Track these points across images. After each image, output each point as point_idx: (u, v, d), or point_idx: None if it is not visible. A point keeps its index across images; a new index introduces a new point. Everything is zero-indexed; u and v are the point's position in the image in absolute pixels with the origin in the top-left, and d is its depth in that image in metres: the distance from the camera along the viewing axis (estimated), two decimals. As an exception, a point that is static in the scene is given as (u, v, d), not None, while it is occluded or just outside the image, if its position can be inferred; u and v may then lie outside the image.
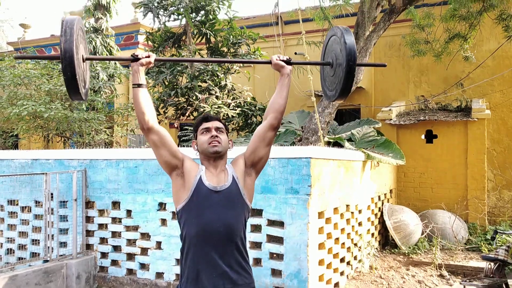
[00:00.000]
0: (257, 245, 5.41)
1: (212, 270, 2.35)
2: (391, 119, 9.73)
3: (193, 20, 9.34)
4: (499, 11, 8.35)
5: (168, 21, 9.61)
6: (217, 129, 2.55)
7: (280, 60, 2.65)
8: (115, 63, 10.67)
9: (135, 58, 2.45)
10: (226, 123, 9.15)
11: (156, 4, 9.36)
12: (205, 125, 2.56)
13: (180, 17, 9.34)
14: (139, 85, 2.44)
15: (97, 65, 9.47)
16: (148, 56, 2.47)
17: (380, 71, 11.35)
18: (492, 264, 5.63)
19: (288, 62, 2.66)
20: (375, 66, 4.45)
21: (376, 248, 7.66)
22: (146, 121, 2.42)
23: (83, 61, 2.41)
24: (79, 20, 2.34)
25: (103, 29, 11.10)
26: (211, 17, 9.44)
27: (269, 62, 2.69)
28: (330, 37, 2.75)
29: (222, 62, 2.69)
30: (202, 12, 9.44)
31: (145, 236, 6.19)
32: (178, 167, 2.49)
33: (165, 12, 9.46)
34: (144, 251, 6.16)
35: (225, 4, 9.41)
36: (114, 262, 6.42)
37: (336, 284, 5.89)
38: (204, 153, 2.53)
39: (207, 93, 9.14)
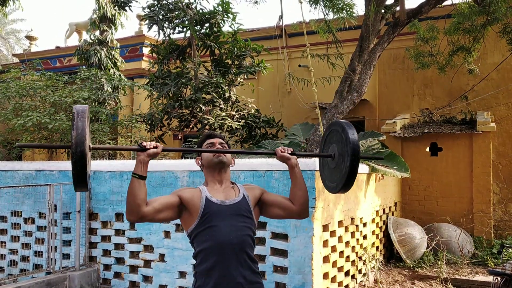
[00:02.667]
0: (261, 258, 5.36)
1: (227, 282, 2.38)
2: (395, 132, 9.70)
3: (197, 33, 9.39)
4: (503, 24, 8.36)
5: (173, 33, 9.67)
6: (221, 144, 2.64)
7: (284, 152, 2.66)
8: (120, 75, 10.72)
9: (142, 148, 2.40)
10: (230, 135, 9.16)
11: (161, 17, 9.41)
12: (210, 141, 2.66)
13: (184, 29, 9.39)
14: (140, 177, 2.37)
15: (101, 76, 9.51)
16: (156, 147, 2.41)
17: (384, 84, 11.35)
18: (499, 278, 5.56)
19: (292, 153, 2.67)
20: (374, 159, 4.54)
21: (381, 262, 7.59)
22: (138, 214, 2.35)
23: (89, 151, 2.34)
24: (88, 110, 2.28)
25: (108, 41, 11.16)
26: (215, 29, 9.48)
27: (274, 154, 2.68)
28: (331, 129, 2.78)
29: (231, 152, 2.68)
30: (207, 24, 9.49)
31: (149, 248, 6.15)
32: (181, 210, 2.53)
33: (170, 24, 9.52)
34: (147, 263, 6.12)
35: (230, 17, 9.46)
36: (117, 275, 6.38)
37: (341, 298, 5.82)
38: (210, 165, 2.59)
39: (211, 105, 9.15)
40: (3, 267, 6.87)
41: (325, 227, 5.38)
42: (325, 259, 5.41)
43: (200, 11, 9.47)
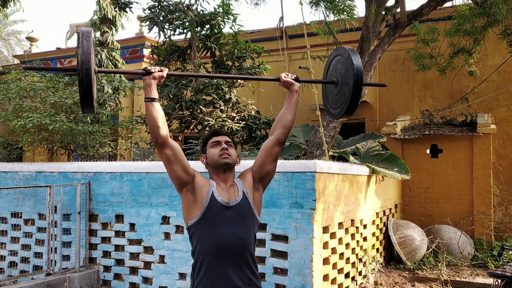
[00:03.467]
0: (261, 260, 5.35)
1: (225, 285, 2.36)
2: (396, 134, 9.70)
3: (198, 34, 9.39)
4: (503, 26, 8.36)
5: (173, 35, 9.68)
6: (226, 142, 2.59)
7: (288, 78, 2.68)
8: (120, 76, 10.72)
9: (148, 72, 2.42)
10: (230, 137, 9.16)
11: (161, 18, 9.42)
12: (215, 138, 2.60)
13: (185, 31, 9.40)
14: (152, 99, 2.40)
15: (102, 78, 9.51)
16: (161, 70, 2.45)
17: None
18: (499, 280, 5.56)
19: (296, 79, 2.69)
20: (376, 86, 4.54)
21: (381, 264, 7.58)
22: (161, 135, 2.40)
23: (95, 73, 2.37)
24: (92, 32, 2.31)
25: (108, 42, 11.16)
26: (216, 31, 9.49)
27: (278, 80, 2.71)
28: (335, 56, 2.80)
29: (233, 78, 2.72)
30: (207, 26, 9.50)
31: (149, 249, 6.15)
32: (189, 182, 2.49)
33: (171, 26, 9.53)
34: (147, 265, 6.11)
35: (230, 19, 9.47)
36: (117, 276, 6.37)
37: (341, 300, 5.81)
38: (215, 165, 2.56)
39: (211, 106, 9.15)
40: (3, 268, 6.87)
41: (325, 229, 5.37)
42: (325, 261, 5.40)
43: (201, 12, 9.48)
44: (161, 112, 2.42)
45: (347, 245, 6.12)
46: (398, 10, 8.22)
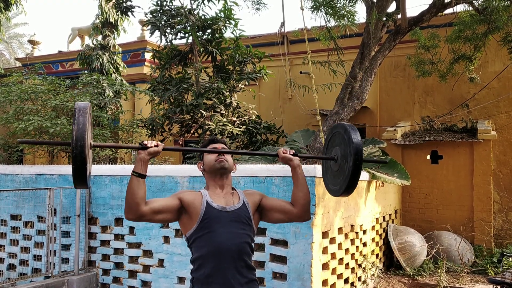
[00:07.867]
0: (260, 265, 5.35)
1: None
2: (396, 139, 9.70)
3: (199, 39, 9.42)
4: (504, 33, 8.39)
5: (175, 39, 9.71)
6: (223, 149, 2.61)
7: (286, 153, 2.65)
8: (122, 80, 10.75)
9: (143, 147, 2.38)
10: (231, 141, 9.17)
11: (163, 23, 9.45)
12: (212, 146, 2.65)
13: (186, 35, 9.42)
14: (140, 175, 2.35)
15: (103, 81, 9.54)
16: (157, 145, 2.41)
17: (385, 91, 11.36)
18: (499, 287, 5.55)
19: (294, 154, 2.67)
20: (377, 162, 4.45)
21: (381, 269, 7.56)
22: (136, 212, 2.33)
23: (90, 148, 2.32)
24: (90, 107, 2.26)
25: (110, 46, 11.21)
26: (217, 35, 9.52)
27: (276, 155, 2.68)
28: (335, 132, 2.75)
29: (234, 153, 2.67)
30: (209, 30, 9.53)
31: (148, 253, 6.14)
32: (180, 212, 2.50)
33: (172, 30, 9.56)
34: (146, 268, 6.10)
35: (232, 23, 9.50)
36: (116, 280, 6.36)
37: (340, 306, 5.80)
38: (211, 170, 2.58)
39: (212, 110, 9.17)
40: (1, 270, 6.86)
41: (324, 234, 5.37)
42: (325, 266, 5.39)
43: (202, 17, 9.51)
44: (144, 189, 2.36)
45: (347, 250, 6.11)
46: (399, 16, 8.25)
